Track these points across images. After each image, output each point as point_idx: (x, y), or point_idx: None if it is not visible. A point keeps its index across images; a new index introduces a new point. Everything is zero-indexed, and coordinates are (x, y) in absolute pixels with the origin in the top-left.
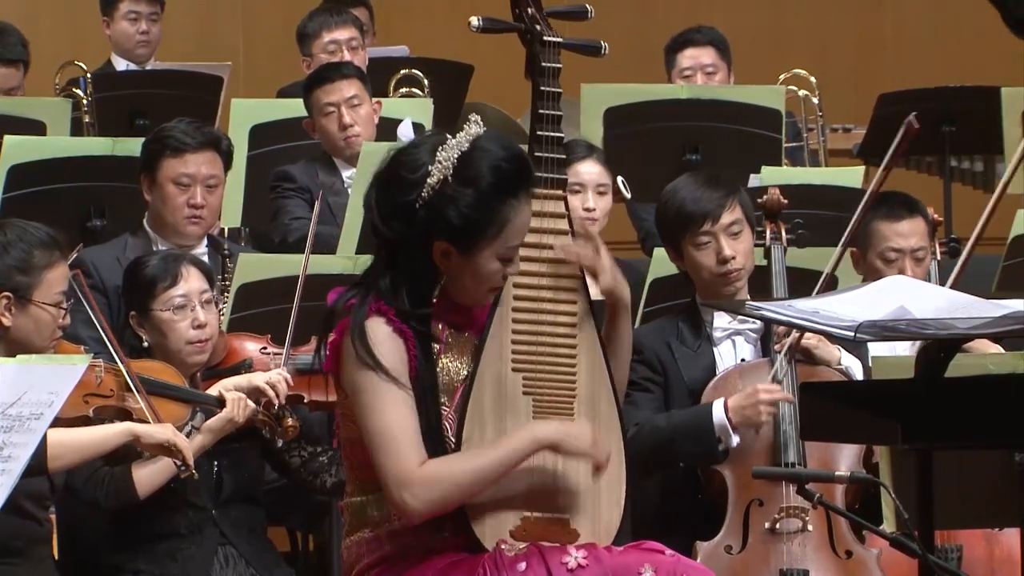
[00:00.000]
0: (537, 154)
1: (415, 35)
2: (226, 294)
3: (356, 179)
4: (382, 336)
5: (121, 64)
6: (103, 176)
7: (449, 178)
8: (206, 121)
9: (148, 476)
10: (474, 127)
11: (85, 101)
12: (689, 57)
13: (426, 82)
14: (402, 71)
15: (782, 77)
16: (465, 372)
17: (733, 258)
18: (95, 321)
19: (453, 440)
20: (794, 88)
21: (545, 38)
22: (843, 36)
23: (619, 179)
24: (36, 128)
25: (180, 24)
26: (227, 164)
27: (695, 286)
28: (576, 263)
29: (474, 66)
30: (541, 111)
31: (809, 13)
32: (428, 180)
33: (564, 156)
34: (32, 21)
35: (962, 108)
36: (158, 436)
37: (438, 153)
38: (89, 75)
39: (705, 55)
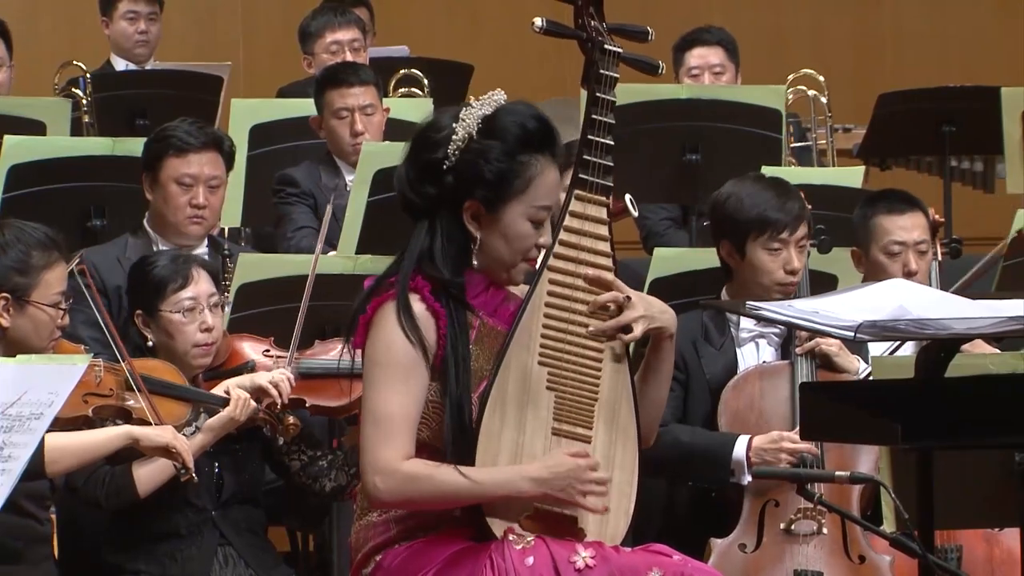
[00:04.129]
0: (585, 157)
1: (415, 35)
2: (226, 294)
3: (356, 180)
4: (417, 313)
5: (121, 64)
6: (103, 176)
7: (474, 134)
8: (206, 121)
9: (149, 475)
10: (497, 95)
11: (85, 101)
12: (697, 56)
13: (426, 82)
14: (401, 71)
15: (791, 77)
16: (491, 366)
17: (798, 271)
18: (98, 317)
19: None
20: (803, 88)
21: (606, 47)
22: (843, 36)
23: (627, 197)
24: (36, 128)
25: (180, 24)
26: (229, 165)
27: (736, 279)
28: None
29: (474, 66)
30: (594, 116)
31: (809, 13)
32: (453, 137)
33: (611, 164)
34: (32, 21)
35: (962, 108)
36: (158, 439)
37: (461, 113)
38: (89, 75)
39: (713, 55)
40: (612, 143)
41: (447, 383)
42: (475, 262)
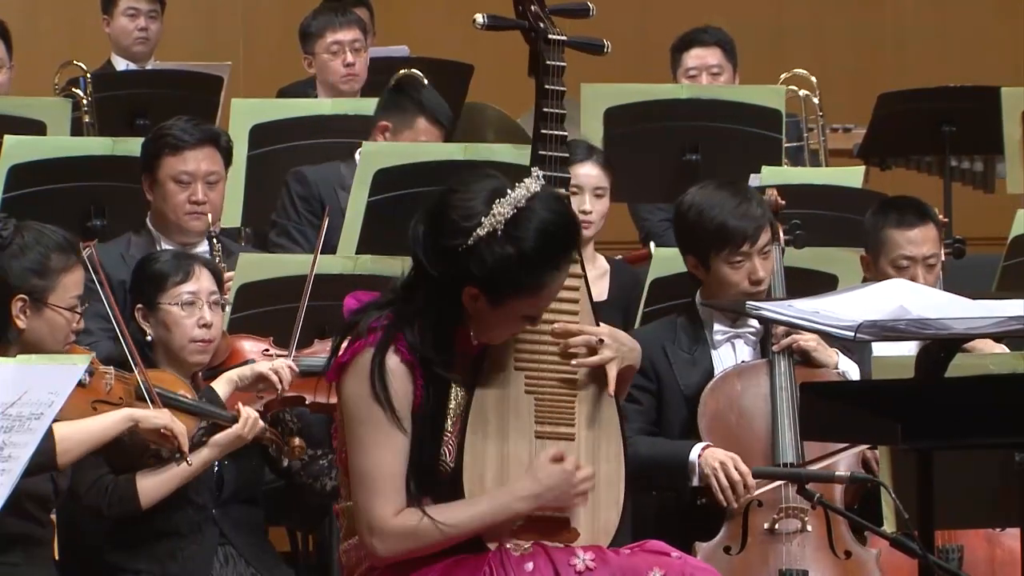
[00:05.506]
0: (541, 152)
1: (415, 35)
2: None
3: (356, 180)
4: (392, 367)
5: (121, 64)
6: (103, 176)
7: (499, 232)
8: (206, 121)
9: (152, 487)
10: (534, 183)
11: (85, 101)
12: (695, 57)
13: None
14: (401, 71)
15: (783, 77)
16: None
17: (763, 280)
18: (112, 320)
19: (451, 465)
20: (794, 88)
21: (549, 36)
22: (843, 36)
23: (651, 245)
24: (36, 128)
25: (180, 24)
26: (227, 160)
27: (704, 290)
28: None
29: (474, 66)
30: (545, 109)
31: (809, 13)
32: (478, 231)
33: (568, 155)
34: (32, 21)
35: (962, 108)
36: (156, 421)
37: (494, 206)
38: (89, 75)
39: (711, 55)
40: (566, 133)
41: (423, 443)
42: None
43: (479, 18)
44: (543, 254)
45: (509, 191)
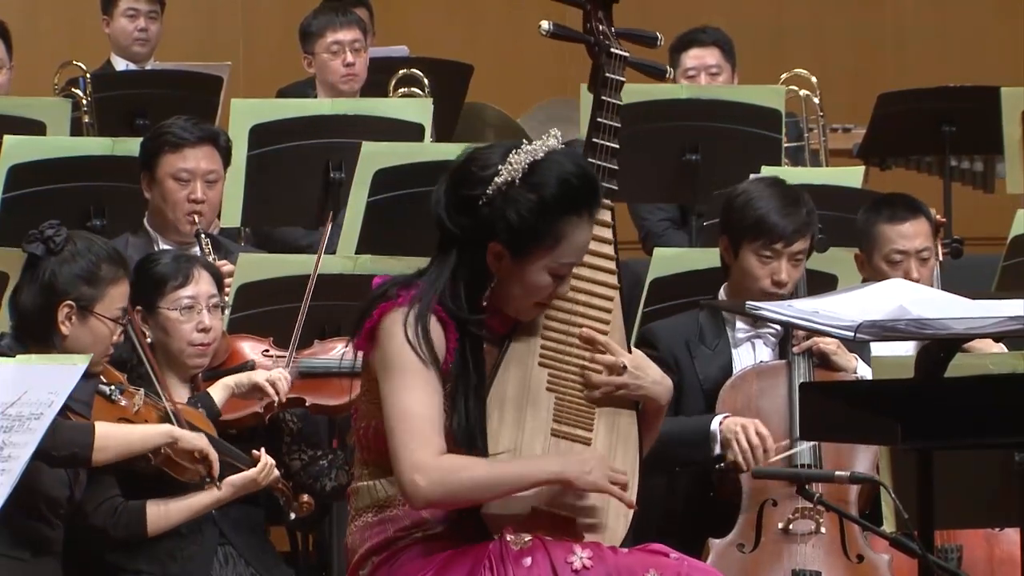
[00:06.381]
0: (590, 160)
1: (415, 35)
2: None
3: (356, 180)
4: (428, 325)
5: (121, 64)
6: (103, 176)
7: (517, 181)
8: (206, 121)
9: (161, 515)
10: (552, 140)
11: (85, 101)
12: (693, 57)
13: (426, 82)
14: (401, 71)
15: (783, 76)
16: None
17: (785, 284)
18: (145, 362)
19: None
20: (795, 88)
21: (612, 50)
22: (843, 36)
23: None
24: (36, 128)
25: (180, 24)
26: (226, 160)
27: (730, 279)
28: (613, 278)
29: (474, 66)
30: (599, 120)
31: (809, 13)
32: (496, 179)
33: (616, 167)
34: (32, 21)
35: (962, 108)
36: (195, 443)
37: (510, 156)
38: (89, 75)
39: (709, 55)
40: (617, 146)
41: (455, 406)
42: (484, 301)
43: (545, 24)
44: (562, 201)
45: (526, 144)
